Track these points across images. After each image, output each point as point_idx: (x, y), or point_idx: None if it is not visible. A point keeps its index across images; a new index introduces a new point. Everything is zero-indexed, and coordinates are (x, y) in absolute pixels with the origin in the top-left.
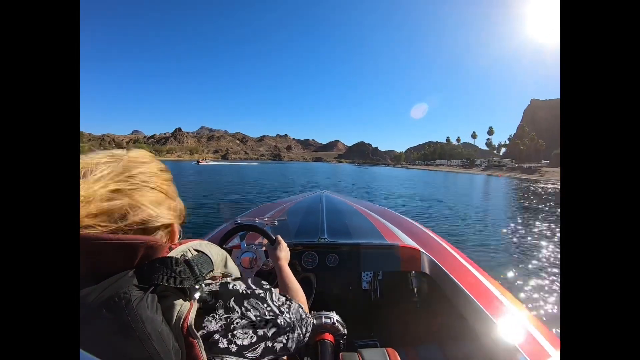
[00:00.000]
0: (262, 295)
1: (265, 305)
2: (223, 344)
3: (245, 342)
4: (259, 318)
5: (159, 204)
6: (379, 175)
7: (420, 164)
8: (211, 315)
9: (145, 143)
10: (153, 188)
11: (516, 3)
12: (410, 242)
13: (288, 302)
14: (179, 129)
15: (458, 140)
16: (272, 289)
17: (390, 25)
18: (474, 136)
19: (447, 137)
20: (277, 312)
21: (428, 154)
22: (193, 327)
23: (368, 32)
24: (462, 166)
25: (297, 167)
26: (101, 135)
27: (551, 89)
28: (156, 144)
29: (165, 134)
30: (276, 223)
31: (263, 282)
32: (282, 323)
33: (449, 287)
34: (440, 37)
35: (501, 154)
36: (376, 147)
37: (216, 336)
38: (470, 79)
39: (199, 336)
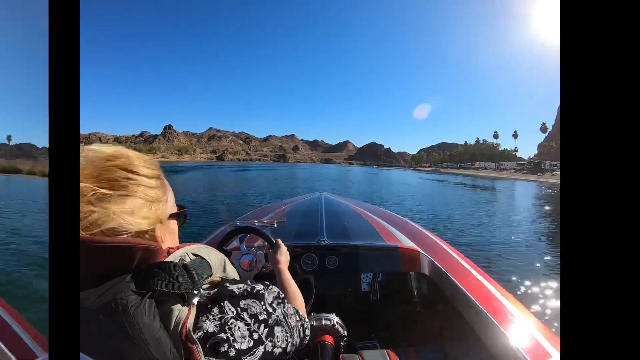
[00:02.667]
0: (258, 294)
1: (260, 305)
2: (223, 347)
3: (244, 347)
4: (253, 319)
5: (133, 212)
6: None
7: (450, 166)
8: (205, 315)
9: (133, 142)
10: (129, 195)
11: (523, 1)
12: (409, 243)
13: (284, 302)
14: (170, 126)
15: (515, 135)
16: (269, 287)
17: (401, 26)
18: (525, 133)
19: (495, 131)
20: (271, 310)
21: (455, 155)
22: (192, 333)
23: (379, 34)
24: (521, 171)
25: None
26: (87, 135)
27: None
28: (144, 142)
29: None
30: (275, 225)
31: (260, 282)
32: (277, 322)
33: (449, 288)
34: (450, 38)
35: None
36: (389, 148)
37: (215, 340)
38: (478, 80)
39: (197, 342)
